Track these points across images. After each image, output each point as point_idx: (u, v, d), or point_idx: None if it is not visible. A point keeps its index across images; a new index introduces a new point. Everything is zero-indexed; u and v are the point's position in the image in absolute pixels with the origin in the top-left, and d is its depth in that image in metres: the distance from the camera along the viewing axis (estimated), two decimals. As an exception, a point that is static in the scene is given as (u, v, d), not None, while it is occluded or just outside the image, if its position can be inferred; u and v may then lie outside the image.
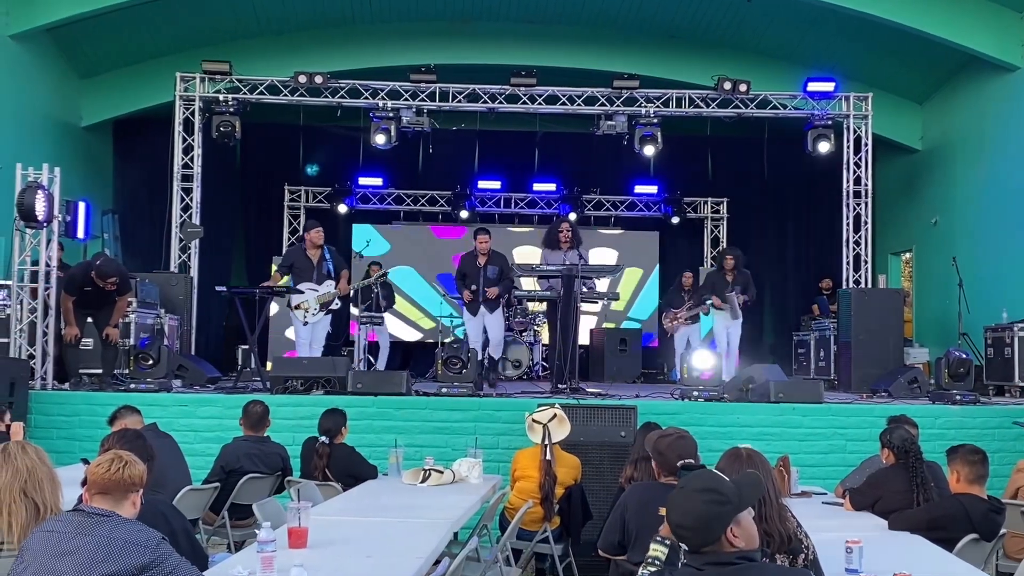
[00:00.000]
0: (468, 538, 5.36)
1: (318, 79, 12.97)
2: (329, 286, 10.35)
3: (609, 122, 13.46)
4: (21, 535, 3.56)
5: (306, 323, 10.38)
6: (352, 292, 11.57)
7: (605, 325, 16.21)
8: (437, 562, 4.53)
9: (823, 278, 15.64)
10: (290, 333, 13.84)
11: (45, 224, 9.50)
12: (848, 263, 13.39)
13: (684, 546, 2.95)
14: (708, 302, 11.93)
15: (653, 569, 3.26)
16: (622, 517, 4.75)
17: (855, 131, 13.52)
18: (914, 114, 15.65)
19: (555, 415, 6.69)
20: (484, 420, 8.85)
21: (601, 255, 16.52)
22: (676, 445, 4.77)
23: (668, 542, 3.31)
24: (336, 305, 10.59)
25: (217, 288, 10.68)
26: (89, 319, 9.66)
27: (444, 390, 9.33)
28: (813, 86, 13.31)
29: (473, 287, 10.92)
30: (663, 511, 3.77)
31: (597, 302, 10.88)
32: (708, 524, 2.90)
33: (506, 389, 10.39)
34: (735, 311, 11.63)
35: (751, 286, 11.87)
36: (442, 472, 6.37)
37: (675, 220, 17.30)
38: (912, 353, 13.28)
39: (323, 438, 6.77)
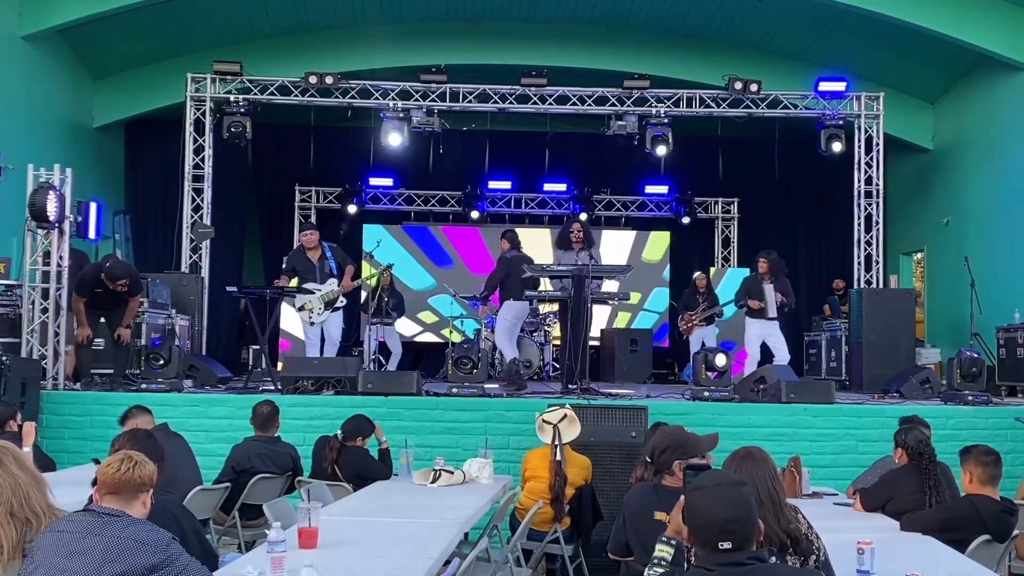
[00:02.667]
0: (478, 539, 5.35)
1: (328, 80, 12.97)
2: (332, 284, 10.41)
3: (620, 122, 13.43)
4: (11, 553, 3.55)
5: (312, 323, 10.42)
6: (364, 297, 11.65)
7: (616, 323, 16.21)
8: (447, 562, 4.53)
9: (834, 278, 15.60)
10: (300, 333, 13.84)
11: (56, 225, 9.53)
12: (859, 263, 13.33)
13: (728, 544, 2.89)
14: (743, 306, 11.73)
15: (660, 570, 3.24)
16: (623, 519, 4.74)
17: (866, 131, 13.47)
18: (926, 114, 15.59)
19: (565, 415, 6.68)
20: (494, 420, 8.85)
21: (612, 255, 16.50)
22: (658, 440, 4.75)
23: (674, 542, 3.29)
24: (342, 302, 10.62)
25: (228, 288, 10.70)
26: (102, 319, 9.69)
27: (455, 390, 9.33)
28: (824, 86, 13.26)
29: None
30: (659, 515, 3.74)
31: (608, 303, 10.87)
32: (754, 515, 2.92)
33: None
34: (771, 307, 11.45)
35: (789, 294, 11.65)
36: (452, 472, 6.36)
37: (686, 220, 17.27)
38: (924, 353, 13.22)
39: (338, 433, 6.82)
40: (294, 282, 10.57)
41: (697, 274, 14.33)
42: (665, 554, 3.28)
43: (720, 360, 9.63)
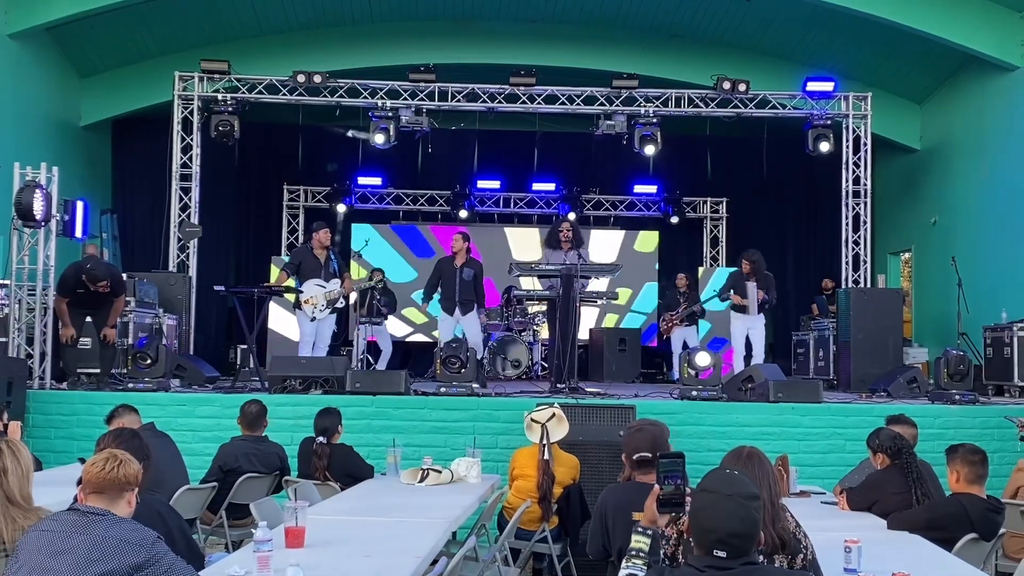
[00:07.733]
0: (466, 538, 5.35)
1: (317, 78, 12.95)
2: (336, 284, 10.42)
3: (608, 122, 13.44)
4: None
5: (313, 319, 10.40)
6: (354, 295, 11.69)
7: (605, 324, 16.21)
8: (435, 562, 4.52)
9: (823, 278, 15.62)
10: (288, 332, 13.82)
11: (43, 223, 9.48)
12: (847, 263, 13.37)
13: (723, 554, 2.87)
14: (727, 300, 11.84)
15: (639, 561, 3.22)
16: (603, 521, 4.70)
17: (854, 131, 13.50)
18: (913, 114, 15.64)
19: (554, 414, 6.68)
20: (482, 419, 8.85)
21: (601, 254, 16.50)
22: (632, 439, 4.72)
23: (650, 532, 3.29)
24: (341, 304, 10.63)
25: (216, 288, 10.67)
26: (88, 318, 9.64)
27: (443, 389, 9.32)
28: (812, 86, 13.29)
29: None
30: (637, 516, 3.71)
31: (596, 302, 10.88)
32: (757, 529, 2.90)
33: (505, 388, 10.38)
34: (752, 304, 11.57)
35: (772, 290, 11.72)
36: (440, 472, 6.35)
37: (675, 220, 17.27)
38: (911, 353, 13.27)
39: (320, 438, 6.76)
40: (290, 281, 10.54)
41: (679, 275, 14.37)
42: (642, 544, 3.26)
43: (702, 360, 9.63)
